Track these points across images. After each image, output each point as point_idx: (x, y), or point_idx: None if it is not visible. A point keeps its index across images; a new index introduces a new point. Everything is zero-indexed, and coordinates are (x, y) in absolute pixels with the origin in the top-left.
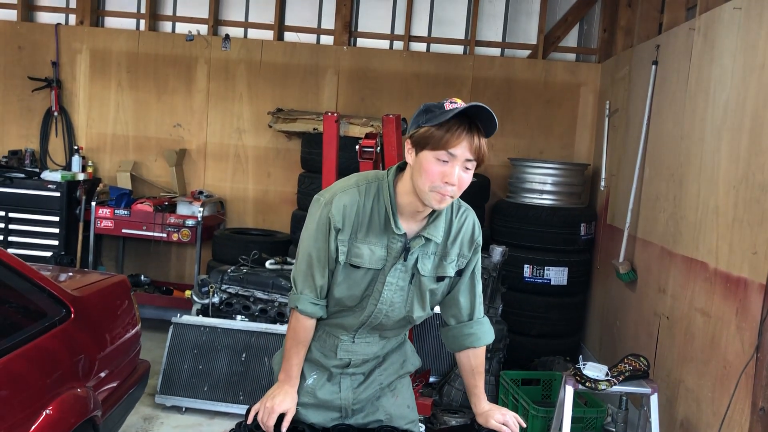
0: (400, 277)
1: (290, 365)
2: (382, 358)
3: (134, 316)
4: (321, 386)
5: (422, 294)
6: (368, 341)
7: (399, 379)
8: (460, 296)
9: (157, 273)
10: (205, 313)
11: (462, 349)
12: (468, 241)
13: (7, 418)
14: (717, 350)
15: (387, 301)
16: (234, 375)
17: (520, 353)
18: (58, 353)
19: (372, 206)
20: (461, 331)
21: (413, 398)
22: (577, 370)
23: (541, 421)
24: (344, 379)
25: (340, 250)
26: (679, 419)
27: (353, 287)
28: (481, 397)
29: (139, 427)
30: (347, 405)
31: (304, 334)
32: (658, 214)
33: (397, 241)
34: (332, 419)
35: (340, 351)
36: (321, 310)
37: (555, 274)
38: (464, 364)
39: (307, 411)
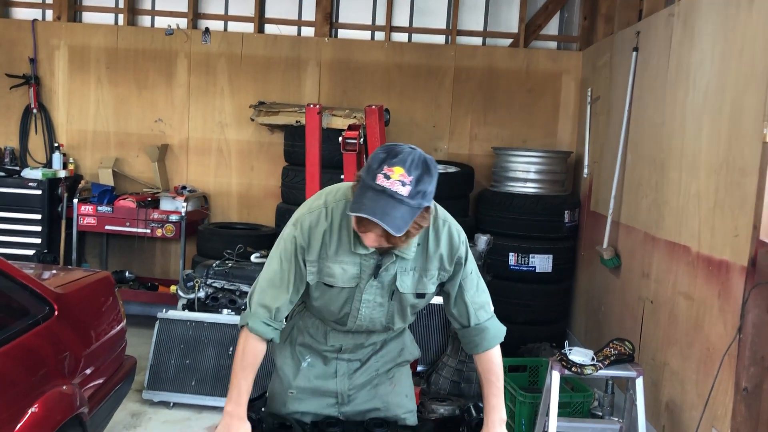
0: (377, 294)
1: (239, 391)
2: (379, 346)
3: (119, 312)
4: (316, 371)
5: (403, 309)
6: (359, 333)
7: (397, 367)
8: (453, 309)
9: (141, 269)
10: (191, 307)
11: (469, 353)
12: (448, 256)
13: None
14: (700, 333)
15: (366, 317)
16: (222, 369)
17: (507, 340)
18: (42, 351)
19: (341, 225)
20: (463, 336)
21: (412, 388)
22: (563, 356)
23: (529, 407)
24: (340, 365)
25: (308, 270)
26: (665, 401)
27: (330, 303)
28: (491, 414)
29: (127, 423)
30: (343, 391)
31: (252, 357)
32: (641, 199)
33: (369, 258)
34: (328, 405)
35: (330, 338)
36: (273, 333)
37: (540, 262)
38: (477, 369)
39: (303, 396)
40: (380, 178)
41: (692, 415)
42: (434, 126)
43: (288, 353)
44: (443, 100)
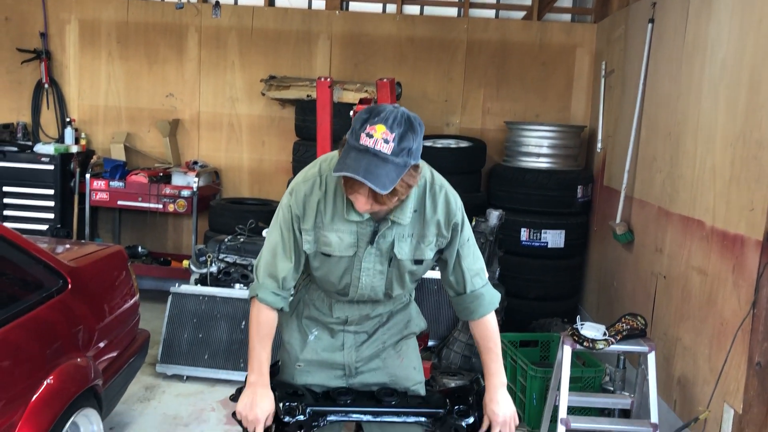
0: (377, 261)
1: (260, 362)
2: (385, 318)
3: (132, 286)
4: (323, 343)
5: (401, 276)
6: (364, 303)
7: (404, 340)
8: (449, 276)
9: (154, 244)
10: (203, 282)
11: (464, 320)
12: (445, 222)
13: (9, 389)
14: (714, 307)
15: (366, 286)
16: (234, 343)
17: (518, 316)
18: (57, 324)
19: (335, 192)
20: (458, 303)
21: (419, 360)
22: (575, 331)
23: (540, 382)
24: (347, 337)
25: (304, 239)
26: (677, 376)
27: (330, 274)
28: (491, 379)
29: (141, 396)
30: (350, 363)
31: (267, 327)
32: (655, 174)
33: (366, 225)
34: (336, 377)
35: (335, 310)
36: (282, 302)
37: (552, 237)
38: (473, 335)
39: (311, 368)
40: (363, 138)
41: (704, 389)
42: (446, 100)
43: (295, 327)
44: (455, 74)
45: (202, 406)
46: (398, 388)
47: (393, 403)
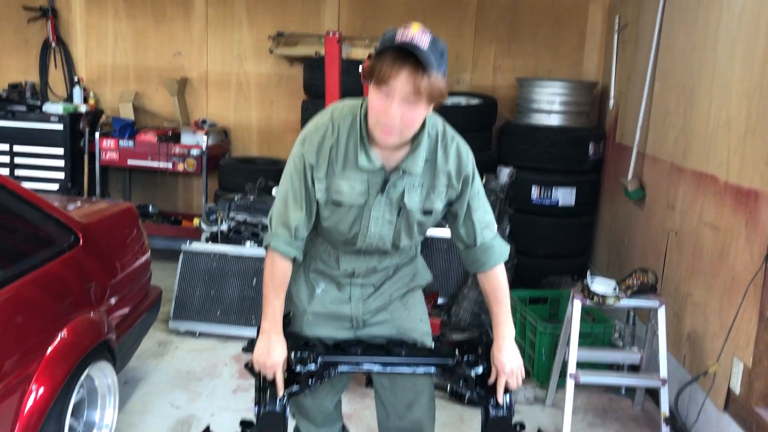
0: (386, 210)
1: (273, 310)
2: (392, 271)
3: (143, 244)
4: (330, 296)
5: (410, 227)
6: (370, 255)
7: (410, 292)
8: (460, 229)
9: (164, 204)
10: (214, 240)
11: (473, 272)
12: (456, 173)
13: (24, 342)
14: (725, 263)
15: (375, 235)
16: (245, 300)
17: (528, 274)
18: (68, 279)
19: (348, 140)
20: (468, 256)
21: (426, 312)
22: (585, 286)
23: (549, 338)
24: (354, 290)
25: (317, 188)
26: (686, 332)
27: (339, 223)
28: (499, 328)
29: (154, 351)
30: (358, 315)
31: (281, 276)
32: (668, 129)
33: (377, 174)
34: (343, 329)
35: (342, 262)
36: (295, 251)
37: (563, 195)
38: (482, 288)
39: (318, 320)
40: (400, 34)
41: (714, 344)
42: (456, 57)
43: (302, 280)
44: (466, 30)
45: (215, 362)
46: (405, 339)
47: (403, 353)
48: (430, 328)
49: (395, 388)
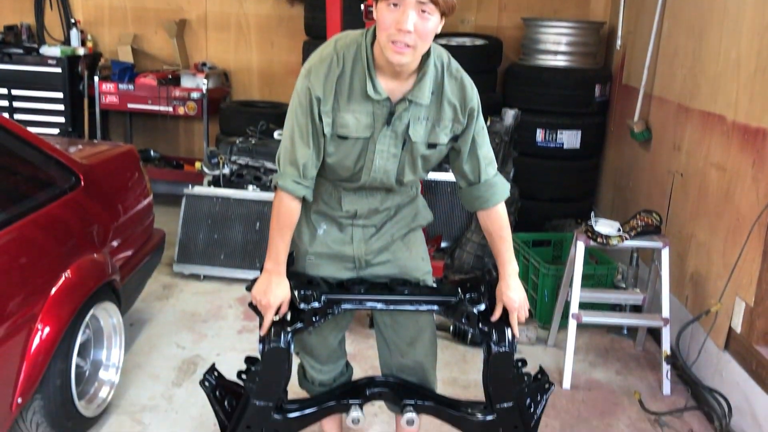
0: (391, 144)
1: (277, 251)
2: (393, 212)
3: (145, 187)
4: (332, 237)
5: (414, 160)
6: (372, 194)
7: (412, 232)
8: (464, 165)
9: (166, 148)
10: (216, 184)
11: (475, 210)
12: (461, 106)
13: (28, 283)
14: (731, 203)
15: (380, 169)
16: (249, 243)
17: (532, 217)
18: (70, 221)
19: (353, 71)
20: (471, 193)
21: (426, 251)
22: (589, 227)
23: (552, 280)
24: (355, 231)
25: (324, 122)
26: (689, 272)
27: (344, 158)
28: (504, 265)
29: (159, 294)
30: (360, 256)
31: (288, 216)
32: (676, 70)
33: (382, 106)
34: (346, 269)
35: (344, 203)
36: (304, 190)
37: (568, 138)
38: (484, 227)
39: (321, 261)
40: None
41: (716, 285)
42: None
43: (303, 221)
44: None
45: (220, 304)
46: (408, 278)
47: (405, 292)
48: (430, 267)
49: (397, 326)
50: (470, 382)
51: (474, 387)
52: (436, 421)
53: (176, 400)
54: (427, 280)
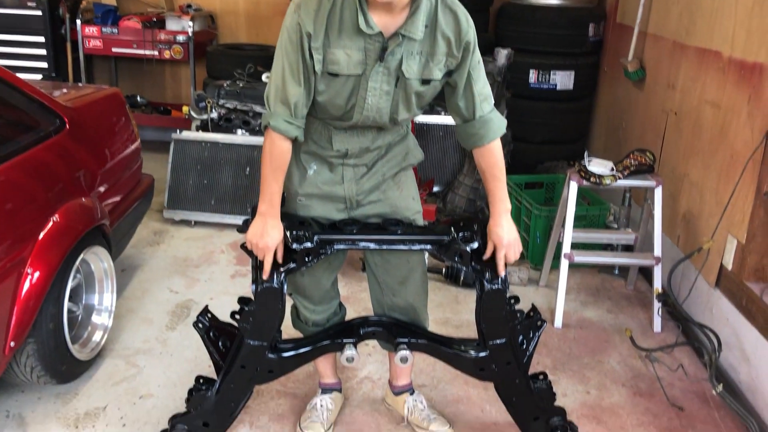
0: (384, 81)
1: (271, 193)
2: (384, 151)
3: (132, 131)
4: (323, 177)
5: (408, 97)
6: (363, 133)
7: (402, 171)
8: (459, 101)
9: (153, 94)
10: (204, 129)
11: (471, 148)
12: (456, 40)
13: (15, 226)
14: (725, 141)
15: (373, 107)
16: (240, 189)
17: (524, 160)
18: (56, 165)
19: (343, 5)
20: (465, 130)
21: (417, 190)
22: (582, 167)
23: (544, 221)
24: (346, 170)
25: (315, 59)
26: (682, 212)
27: (336, 97)
28: (497, 204)
29: (150, 240)
30: (351, 196)
31: (280, 158)
32: (672, 6)
33: (374, 41)
34: (337, 210)
35: (335, 142)
36: (296, 130)
37: (561, 79)
38: (479, 166)
39: (311, 202)
40: None
41: (709, 223)
42: None
43: (293, 162)
44: None
45: (212, 249)
46: (399, 218)
47: (399, 231)
48: (421, 207)
49: (388, 265)
50: (462, 322)
51: (466, 327)
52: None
53: (170, 343)
54: (417, 220)
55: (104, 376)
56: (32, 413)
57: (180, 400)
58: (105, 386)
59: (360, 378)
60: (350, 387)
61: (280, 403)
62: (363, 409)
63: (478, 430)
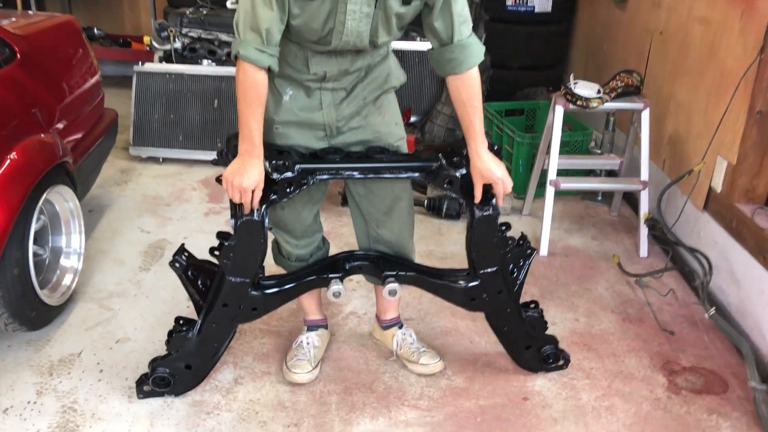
0: (363, 3)
1: (249, 130)
2: (364, 73)
3: (91, 64)
4: (299, 103)
5: (388, 19)
6: (342, 55)
7: (384, 95)
8: (435, 22)
9: (111, 26)
10: (168, 60)
11: (446, 74)
12: None
13: None
14: (715, 59)
15: (353, 32)
16: (208, 123)
17: (503, 86)
18: (8, 98)
19: None
20: (442, 55)
21: (400, 115)
22: (568, 90)
23: (527, 148)
24: (324, 95)
25: None
26: (667, 135)
27: (311, 20)
28: (477, 139)
29: (117, 179)
30: (331, 122)
31: (255, 90)
32: None
33: None
34: (316, 138)
35: (312, 65)
36: (269, 59)
37: (539, 1)
38: (455, 96)
39: (289, 130)
40: None
41: (696, 145)
42: None
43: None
44: None
45: (182, 186)
46: (382, 144)
47: (384, 159)
48: (404, 132)
49: (372, 196)
50: (446, 254)
51: (451, 258)
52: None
53: (145, 284)
54: (402, 146)
55: (77, 321)
56: (2, 362)
57: (159, 343)
58: (79, 331)
59: (345, 314)
60: (336, 323)
61: (264, 342)
62: (350, 344)
63: (469, 361)
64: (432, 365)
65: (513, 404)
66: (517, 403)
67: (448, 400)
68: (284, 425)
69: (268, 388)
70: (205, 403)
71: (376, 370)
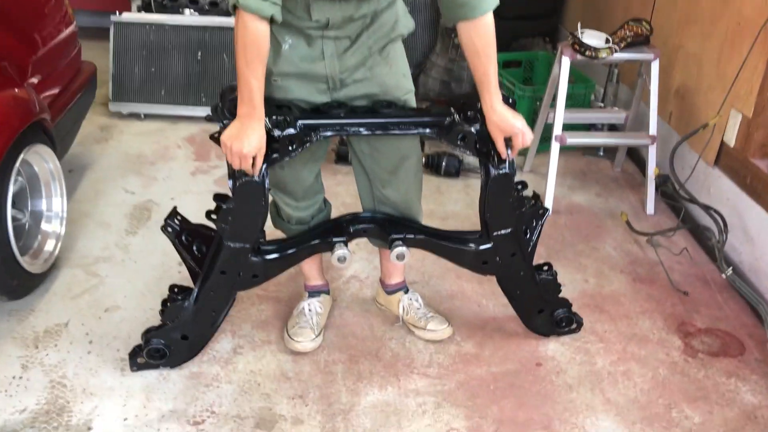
0: None
1: (249, 90)
2: (370, 20)
3: (66, 12)
4: (300, 52)
5: None
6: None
7: (391, 44)
8: None
9: None
10: (147, 9)
11: (457, 21)
12: None
13: None
14: (730, 7)
15: None
16: (192, 76)
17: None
18: None
19: None
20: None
21: (408, 66)
22: (576, 39)
23: (528, 102)
24: (327, 44)
25: None
26: (675, 87)
27: None
28: (492, 90)
29: (97, 136)
30: (334, 74)
31: (256, 44)
32: None
33: None
34: (318, 91)
35: (313, 11)
36: (271, 7)
37: None
38: (467, 45)
39: (288, 83)
40: None
41: (708, 98)
42: None
43: None
44: None
45: (167, 144)
46: (389, 98)
47: (392, 114)
48: (413, 85)
49: (377, 154)
50: (448, 214)
51: (452, 218)
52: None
53: (133, 249)
54: (410, 100)
55: (62, 288)
56: None
57: (150, 311)
58: (64, 300)
59: (346, 278)
60: (336, 287)
61: (262, 309)
62: (353, 310)
63: (478, 326)
64: (440, 331)
65: (526, 370)
66: (531, 369)
67: (459, 368)
68: (289, 397)
69: (269, 357)
70: (203, 375)
71: (381, 337)
